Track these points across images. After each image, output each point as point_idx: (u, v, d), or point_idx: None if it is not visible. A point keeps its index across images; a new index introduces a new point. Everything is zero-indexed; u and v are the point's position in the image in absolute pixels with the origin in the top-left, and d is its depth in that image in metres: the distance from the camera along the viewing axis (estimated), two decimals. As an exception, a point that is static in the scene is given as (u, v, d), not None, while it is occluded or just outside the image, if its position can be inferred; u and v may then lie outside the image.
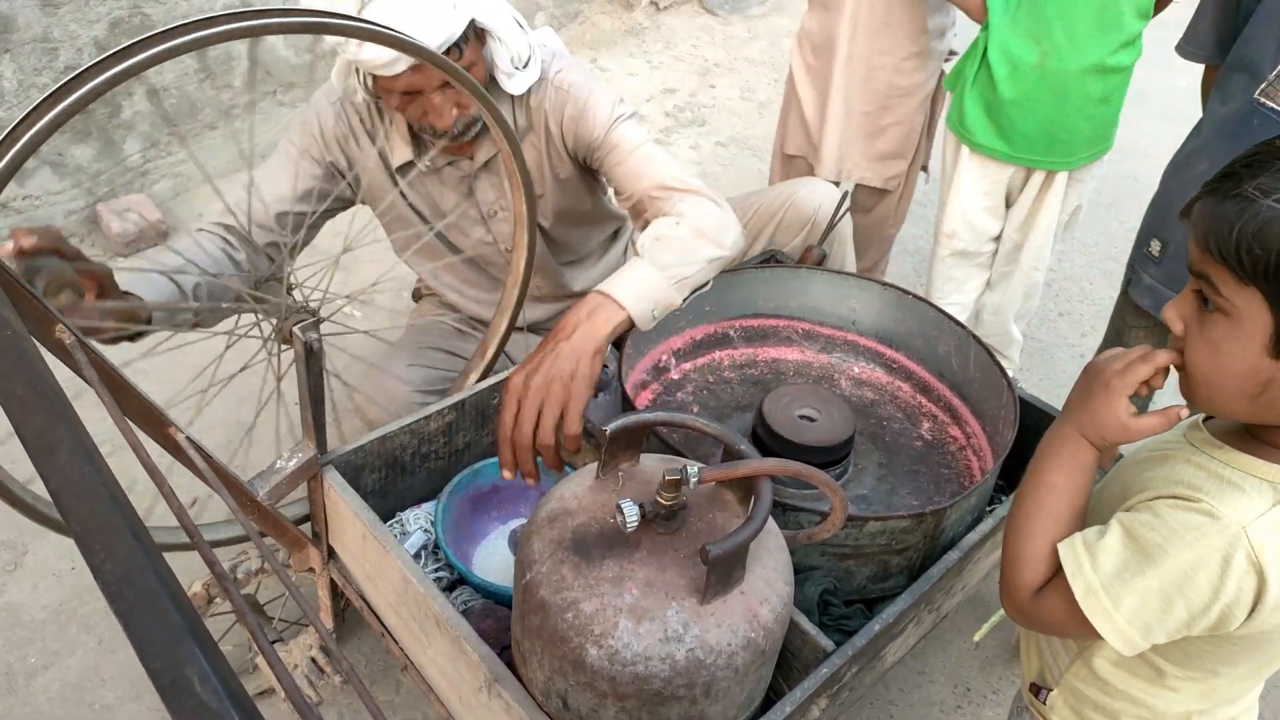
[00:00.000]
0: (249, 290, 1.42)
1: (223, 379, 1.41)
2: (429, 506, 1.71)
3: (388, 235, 2.05)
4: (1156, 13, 2.06)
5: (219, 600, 1.66)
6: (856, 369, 1.97)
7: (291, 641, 1.67)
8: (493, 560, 1.73)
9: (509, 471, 1.50)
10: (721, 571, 1.08)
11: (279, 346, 1.41)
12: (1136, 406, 0.99)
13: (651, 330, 1.65)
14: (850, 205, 2.11)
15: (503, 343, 1.80)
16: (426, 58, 1.35)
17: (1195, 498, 0.91)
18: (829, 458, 1.60)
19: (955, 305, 2.45)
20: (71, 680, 1.80)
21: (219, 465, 1.27)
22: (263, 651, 0.75)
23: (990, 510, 1.64)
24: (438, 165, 1.87)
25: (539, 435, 1.46)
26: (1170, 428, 0.98)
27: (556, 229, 2.01)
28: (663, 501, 1.12)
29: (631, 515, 1.08)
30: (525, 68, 1.76)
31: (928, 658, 1.96)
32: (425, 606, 1.34)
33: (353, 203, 1.97)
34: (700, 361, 1.94)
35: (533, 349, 2.03)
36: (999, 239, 2.40)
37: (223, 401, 2.16)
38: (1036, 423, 1.69)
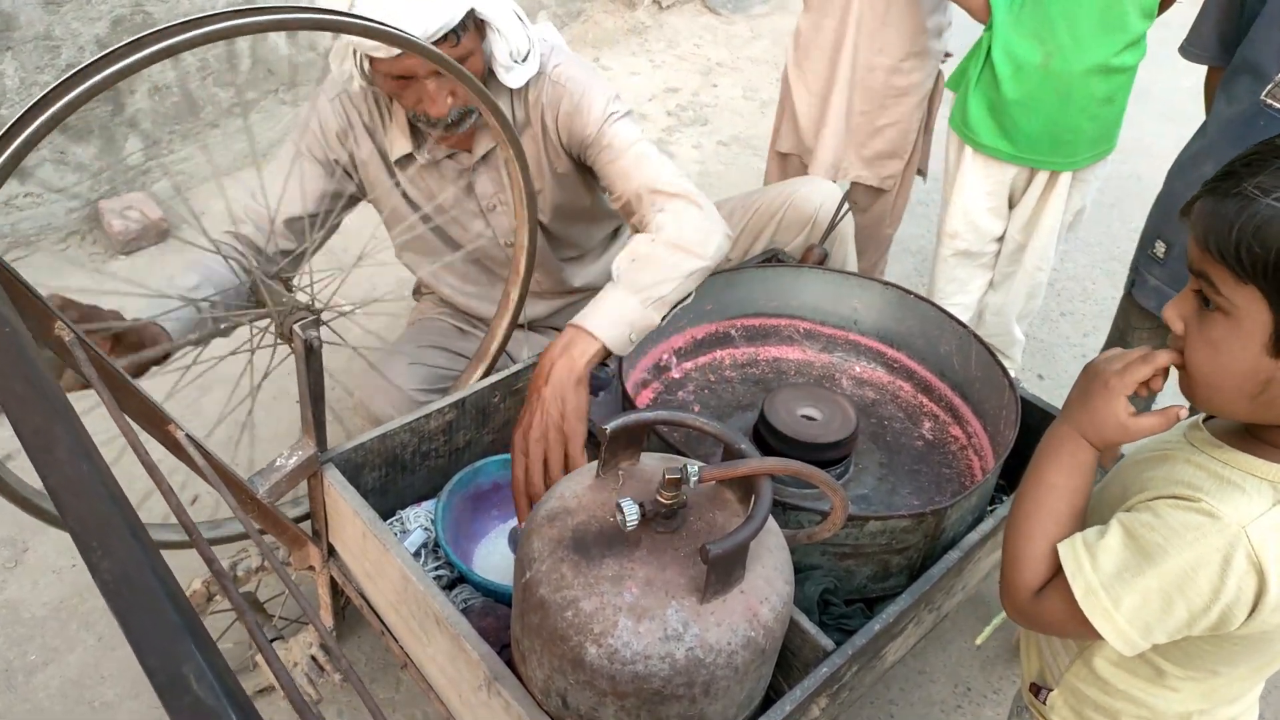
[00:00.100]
0: (246, 291, 1.42)
1: (239, 383, 1.42)
2: (429, 505, 1.71)
3: (388, 231, 2.05)
4: (1160, 13, 2.06)
5: (219, 598, 1.66)
6: (858, 368, 1.97)
7: (292, 639, 1.67)
8: (493, 559, 1.73)
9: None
10: (721, 570, 1.08)
11: (257, 347, 1.42)
12: (1138, 407, 0.99)
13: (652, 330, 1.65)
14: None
15: (504, 341, 1.80)
16: (425, 54, 1.35)
17: (1195, 497, 0.91)
18: (830, 457, 1.60)
19: (958, 306, 2.45)
20: (71, 677, 1.80)
21: (219, 463, 1.28)
22: (261, 649, 0.75)
23: (991, 510, 1.64)
24: (436, 158, 1.87)
25: (550, 482, 1.52)
26: (1170, 427, 0.98)
27: (556, 224, 2.01)
28: (663, 500, 1.12)
29: (631, 514, 1.08)
30: (524, 61, 1.76)
31: (928, 657, 1.96)
32: (425, 605, 1.34)
33: (360, 198, 1.97)
34: (701, 360, 1.94)
35: (534, 346, 2.05)
36: (1002, 239, 2.40)
37: (224, 400, 2.16)
38: (1038, 423, 1.69)
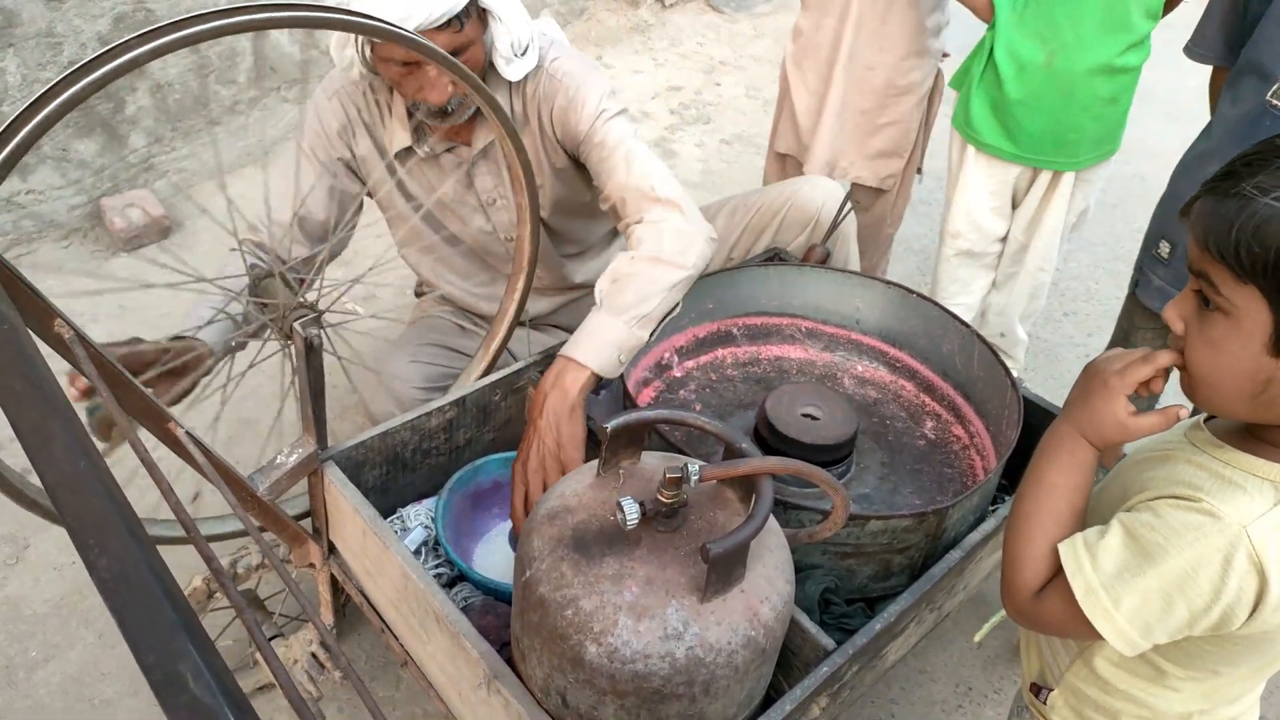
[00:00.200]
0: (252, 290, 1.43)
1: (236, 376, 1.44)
2: (429, 503, 1.71)
3: (389, 227, 2.06)
4: (1164, 14, 2.05)
5: (219, 595, 1.66)
6: (860, 368, 1.97)
7: (292, 636, 1.67)
8: (493, 557, 1.73)
9: None
10: (722, 570, 1.07)
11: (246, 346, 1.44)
12: (1139, 407, 0.98)
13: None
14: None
15: (505, 338, 1.80)
16: (428, 53, 1.35)
17: (1196, 497, 0.91)
18: (832, 456, 1.60)
19: (961, 306, 2.44)
20: (72, 674, 1.80)
21: (219, 460, 1.28)
22: (259, 647, 0.75)
23: (993, 510, 1.63)
24: (436, 152, 1.87)
25: None
26: (1170, 427, 0.97)
27: (556, 219, 2.00)
28: (663, 499, 1.12)
29: (632, 513, 1.08)
30: (523, 55, 1.76)
31: (929, 657, 1.96)
32: (425, 603, 1.34)
33: (368, 195, 1.98)
34: (703, 359, 1.94)
35: (535, 345, 2.05)
36: (1005, 240, 2.39)
37: (227, 398, 2.16)
38: (1040, 422, 1.69)
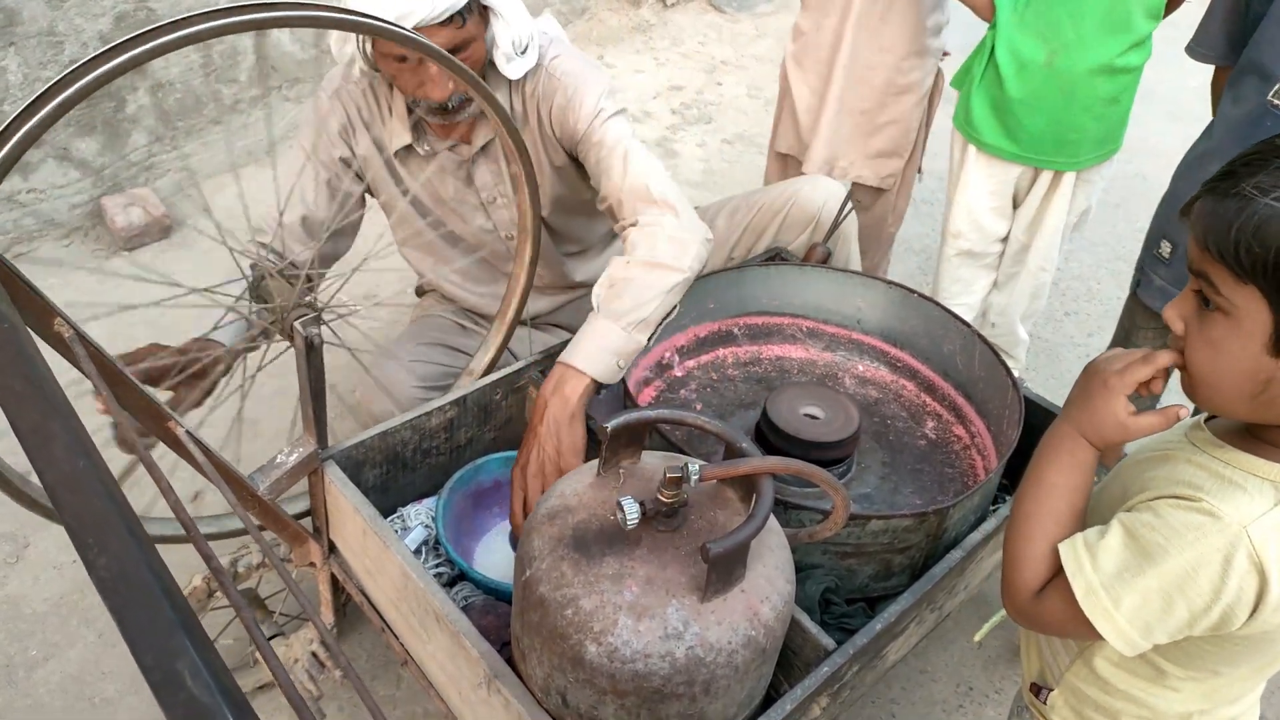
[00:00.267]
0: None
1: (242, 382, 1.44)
2: (430, 502, 1.71)
3: (391, 226, 2.06)
4: (1166, 14, 2.04)
5: (221, 594, 1.66)
6: (861, 367, 1.97)
7: (293, 635, 1.66)
8: (493, 556, 1.73)
9: None
10: (722, 569, 1.07)
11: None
12: (1140, 407, 0.98)
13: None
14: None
15: (507, 337, 1.80)
16: (429, 53, 1.35)
17: (1196, 497, 0.91)
18: (832, 456, 1.60)
19: (962, 306, 2.44)
20: (72, 673, 1.80)
21: (219, 460, 1.27)
22: (258, 646, 0.74)
23: (994, 510, 1.63)
24: (435, 150, 1.87)
25: None
26: (1170, 426, 0.97)
27: (556, 218, 2.00)
28: (663, 499, 1.12)
29: (632, 512, 1.08)
30: (524, 53, 1.75)
31: (930, 656, 1.96)
32: (425, 602, 1.34)
33: (367, 192, 1.98)
34: (704, 359, 1.94)
35: (536, 344, 2.04)
36: (1006, 240, 2.39)
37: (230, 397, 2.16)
38: (1042, 422, 1.67)
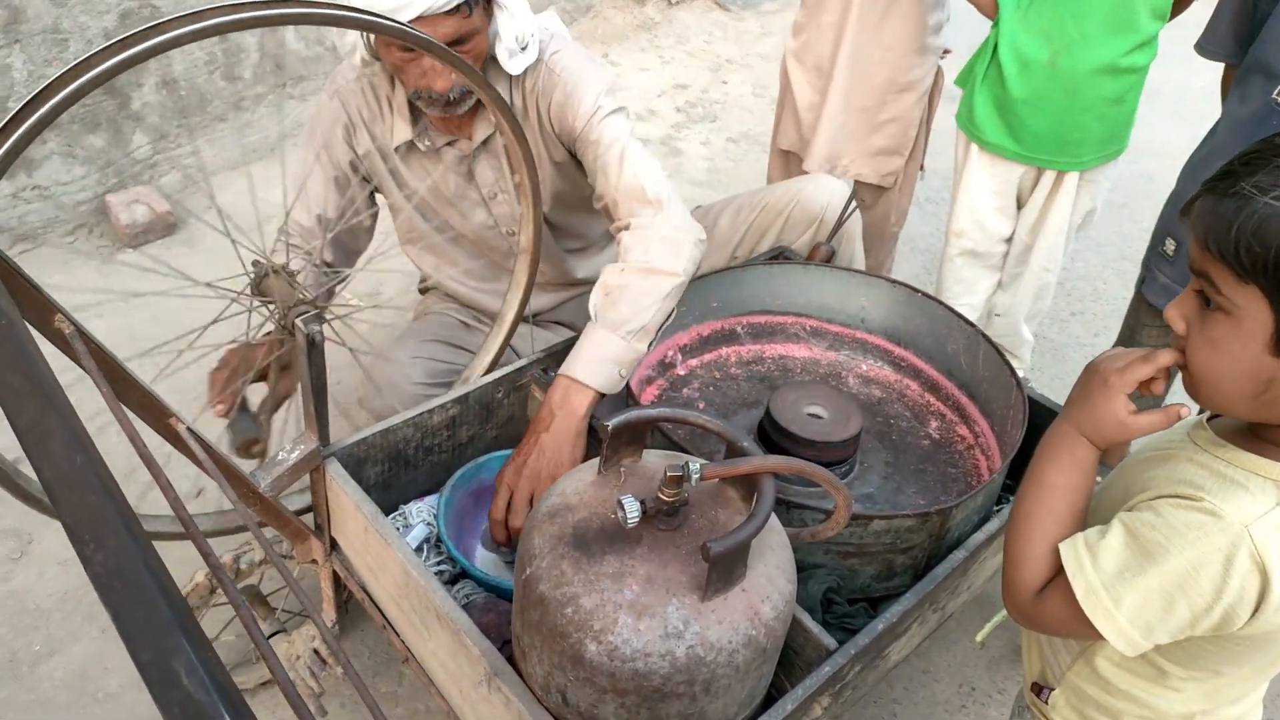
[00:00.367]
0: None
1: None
2: (432, 500, 1.71)
3: (394, 223, 2.06)
4: (1175, 15, 2.03)
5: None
6: (864, 367, 1.96)
7: (295, 632, 1.66)
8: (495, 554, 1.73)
9: (506, 546, 1.64)
10: (723, 568, 1.07)
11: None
12: (1143, 407, 0.98)
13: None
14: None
15: (509, 335, 1.80)
16: (433, 49, 1.35)
17: (1197, 496, 0.90)
18: (835, 455, 1.59)
19: (965, 307, 2.43)
20: (76, 668, 1.80)
21: (220, 456, 1.27)
22: (257, 644, 0.74)
23: (998, 510, 1.63)
24: (436, 145, 1.87)
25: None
26: (1170, 425, 0.97)
27: (557, 214, 2.00)
28: (664, 498, 1.11)
29: (632, 511, 1.08)
30: (525, 49, 1.76)
31: (932, 656, 1.95)
32: (426, 600, 1.34)
33: (375, 190, 1.98)
34: (707, 358, 1.94)
35: (539, 341, 2.04)
36: (1010, 240, 2.38)
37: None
38: (1046, 423, 1.65)
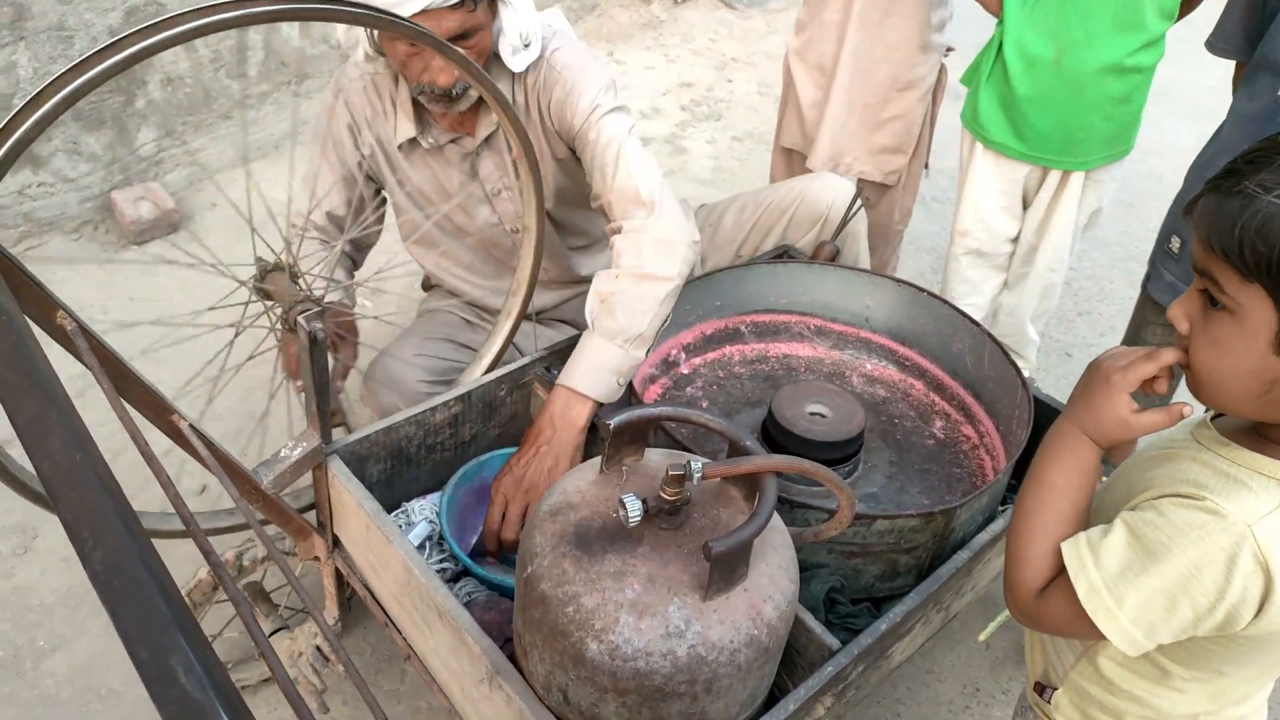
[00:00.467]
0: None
1: (231, 368, 1.42)
2: (434, 498, 1.71)
3: (397, 220, 2.06)
4: (1184, 15, 2.01)
5: (224, 588, 1.66)
6: (869, 366, 1.96)
7: (297, 629, 1.66)
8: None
9: (494, 556, 1.64)
10: (724, 568, 1.07)
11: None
12: (1146, 406, 0.97)
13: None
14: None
15: (511, 333, 1.79)
16: (432, 44, 1.35)
17: (1200, 496, 0.90)
18: (839, 455, 1.59)
19: (971, 307, 2.42)
20: (79, 664, 1.81)
21: (222, 453, 1.27)
22: (256, 642, 0.74)
23: (1002, 510, 1.62)
24: (440, 143, 1.87)
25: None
26: (1173, 424, 0.96)
27: (559, 210, 2.00)
28: (666, 497, 1.11)
29: (634, 510, 1.07)
30: (528, 46, 1.76)
31: (936, 657, 1.95)
32: (427, 598, 1.33)
33: (378, 187, 1.99)
34: (710, 356, 1.93)
35: (542, 339, 2.04)
36: (1016, 240, 2.37)
37: (229, 390, 2.16)
38: (1051, 423, 1.67)
